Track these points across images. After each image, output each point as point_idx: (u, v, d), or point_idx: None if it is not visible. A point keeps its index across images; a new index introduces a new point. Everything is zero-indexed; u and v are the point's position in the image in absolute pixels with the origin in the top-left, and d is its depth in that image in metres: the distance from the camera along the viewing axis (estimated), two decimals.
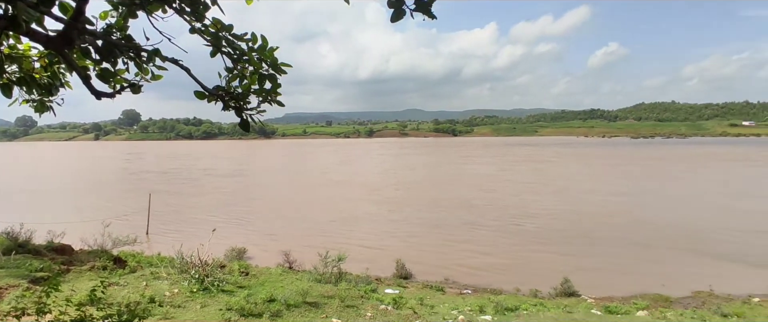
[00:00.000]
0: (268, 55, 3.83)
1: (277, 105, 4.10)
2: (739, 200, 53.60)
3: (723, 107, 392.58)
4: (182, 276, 18.45)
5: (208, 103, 3.58)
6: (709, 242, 35.24)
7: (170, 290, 16.98)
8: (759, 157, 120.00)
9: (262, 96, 3.93)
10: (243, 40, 3.63)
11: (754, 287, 26.11)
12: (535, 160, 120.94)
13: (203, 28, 3.59)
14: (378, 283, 26.26)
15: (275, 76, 4.02)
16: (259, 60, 3.85)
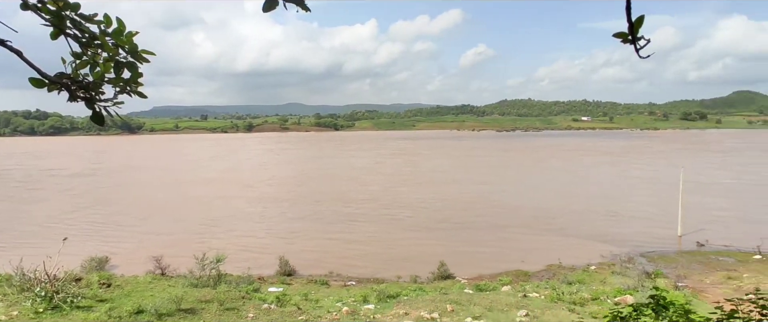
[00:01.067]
0: (125, 40, 3.46)
1: (139, 96, 3.73)
2: (577, 185, 62.48)
3: (568, 105, 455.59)
4: (24, 296, 15.84)
5: (49, 92, 3.12)
6: (557, 222, 40.55)
7: (7, 312, 14.52)
8: (593, 148, 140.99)
9: (119, 86, 3.53)
10: (93, 22, 3.22)
11: (591, 257, 30.72)
12: (409, 153, 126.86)
13: (40, 5, 3.11)
14: (261, 282, 25.45)
15: (135, 64, 3.64)
16: (114, 45, 3.46)
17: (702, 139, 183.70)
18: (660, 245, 33.26)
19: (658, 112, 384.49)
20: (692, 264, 28.87)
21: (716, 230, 35.94)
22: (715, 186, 59.40)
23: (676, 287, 23.32)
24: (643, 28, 2.62)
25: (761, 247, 30.51)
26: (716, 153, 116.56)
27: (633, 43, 2.64)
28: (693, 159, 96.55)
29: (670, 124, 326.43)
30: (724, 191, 55.87)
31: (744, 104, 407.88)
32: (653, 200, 49.26)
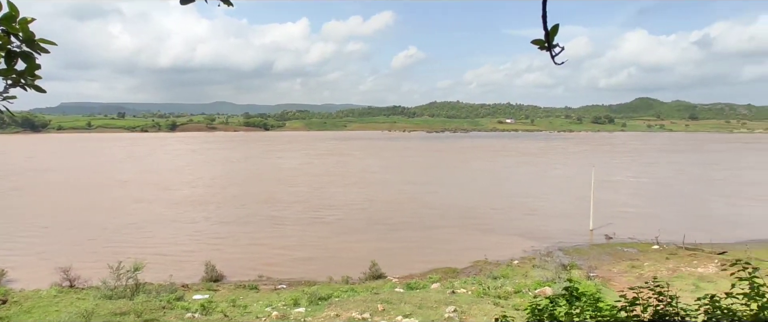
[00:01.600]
0: (18, 27, 3.10)
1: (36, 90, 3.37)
2: (501, 184, 65.72)
3: (493, 107, 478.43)
4: None
5: None
6: (483, 220, 42.33)
7: None
8: (515, 148, 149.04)
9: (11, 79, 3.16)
10: None
11: (514, 252, 32.41)
12: (339, 153, 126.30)
13: None
14: (185, 290, 24.11)
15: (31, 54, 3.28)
16: (4, 33, 3.08)
17: (610, 141, 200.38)
18: (575, 239, 35.81)
19: (573, 116, 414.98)
20: (602, 255, 31.38)
21: (622, 224, 39.31)
22: (620, 184, 65.02)
23: (588, 277, 25.24)
24: (559, 36, 2.76)
25: (659, 238, 33.86)
26: (621, 154, 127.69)
27: (549, 50, 2.79)
28: (602, 159, 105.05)
29: (583, 126, 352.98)
30: (628, 188, 61.34)
31: (644, 109, 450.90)
32: (568, 198, 52.92)
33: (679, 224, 38.48)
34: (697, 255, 29.91)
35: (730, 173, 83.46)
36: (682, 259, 29.20)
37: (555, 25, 2.79)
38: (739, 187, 64.27)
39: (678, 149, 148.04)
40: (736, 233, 37.15)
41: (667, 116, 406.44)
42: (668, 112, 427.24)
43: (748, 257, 27.96)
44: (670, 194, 57.96)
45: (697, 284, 21.88)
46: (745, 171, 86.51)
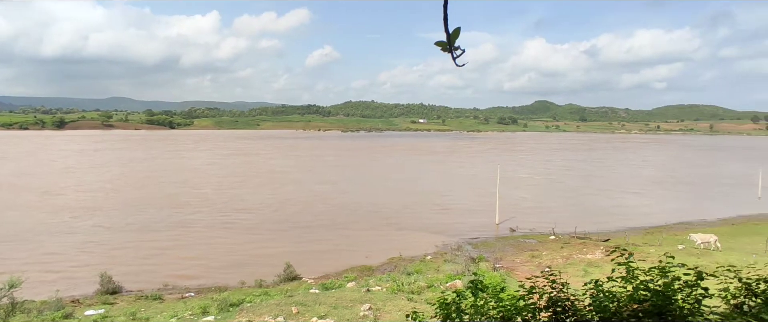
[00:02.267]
0: None
1: None
2: (413, 182, 67.73)
3: (407, 107, 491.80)
4: None
5: None
6: (396, 217, 43.25)
7: None
8: (427, 147, 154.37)
9: None
10: None
11: (427, 248, 33.48)
12: (250, 153, 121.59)
13: None
14: (76, 305, 21.73)
15: None
16: None
17: (513, 140, 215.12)
18: (482, 233, 37.90)
19: (480, 117, 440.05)
20: (506, 247, 33.55)
21: (523, 218, 42.32)
22: (521, 180, 70.03)
23: (495, 269, 26.83)
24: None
25: (555, 229, 36.98)
26: (522, 152, 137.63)
27: (450, 52, 2.89)
28: (506, 157, 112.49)
29: (490, 127, 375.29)
30: (528, 185, 66.29)
31: (542, 111, 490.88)
32: (476, 194, 55.86)
33: (571, 216, 42.28)
34: (587, 243, 33.09)
35: (611, 169, 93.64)
36: (574, 247, 32.13)
37: (456, 29, 2.89)
38: (618, 181, 72.30)
39: (569, 148, 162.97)
40: (617, 222, 41.71)
41: (561, 118, 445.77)
42: (562, 114, 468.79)
43: (627, 244, 31.56)
44: (563, 188, 63.56)
45: (587, 270, 24.18)
46: (622, 167, 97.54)
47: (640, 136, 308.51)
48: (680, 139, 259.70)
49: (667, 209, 48.68)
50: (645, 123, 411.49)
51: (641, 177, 78.76)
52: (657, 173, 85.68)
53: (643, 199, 56.46)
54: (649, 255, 26.79)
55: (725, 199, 55.78)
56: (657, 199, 57.23)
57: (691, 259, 24.10)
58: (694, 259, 25.11)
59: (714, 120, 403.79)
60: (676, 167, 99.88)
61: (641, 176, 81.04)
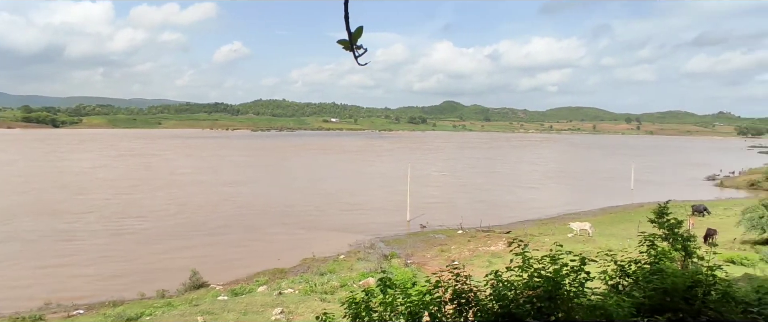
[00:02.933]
0: None
1: None
2: (325, 181, 67.24)
3: (319, 106, 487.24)
4: None
5: None
6: (308, 218, 42.65)
7: None
8: (339, 146, 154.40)
9: None
10: None
11: (340, 247, 33.43)
12: (146, 154, 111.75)
13: None
14: None
15: None
16: None
17: (422, 139, 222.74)
18: (394, 230, 38.72)
19: (392, 116, 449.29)
20: (417, 243, 34.59)
21: (433, 214, 43.94)
22: (430, 178, 72.77)
23: (406, 264, 27.54)
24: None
25: (462, 224, 38.90)
26: (430, 151, 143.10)
27: (352, 51, 2.87)
28: (415, 156, 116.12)
29: (400, 126, 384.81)
30: (436, 182, 69.09)
31: (450, 111, 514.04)
32: (387, 192, 56.96)
33: (476, 211, 44.75)
34: (491, 236, 35.22)
35: (511, 166, 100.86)
36: (479, 240, 34.03)
37: (359, 28, 2.87)
38: (517, 177, 78.04)
39: (474, 146, 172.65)
40: (517, 215, 44.96)
41: (467, 118, 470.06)
42: (468, 114, 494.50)
43: (525, 234, 34.09)
44: (469, 185, 67.12)
45: (491, 261, 25.73)
46: (521, 164, 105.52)
47: (536, 135, 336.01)
48: (569, 138, 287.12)
49: (559, 202, 53.48)
50: (540, 123, 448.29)
51: (537, 173, 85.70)
52: (550, 169, 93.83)
53: (539, 193, 61.46)
54: (544, 244, 29.21)
55: (605, 191, 62.60)
56: (550, 192, 62.64)
57: (579, 246, 26.65)
58: (581, 246, 27.80)
59: (596, 121, 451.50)
60: (566, 163, 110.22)
61: (537, 172, 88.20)
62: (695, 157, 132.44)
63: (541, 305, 4.96)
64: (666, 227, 8.90)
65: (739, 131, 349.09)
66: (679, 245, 9.12)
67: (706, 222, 36.95)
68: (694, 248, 9.31)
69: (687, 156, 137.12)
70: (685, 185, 70.76)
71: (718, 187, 72.56)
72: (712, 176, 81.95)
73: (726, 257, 24.84)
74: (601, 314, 4.81)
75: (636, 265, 6.29)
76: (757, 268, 22.52)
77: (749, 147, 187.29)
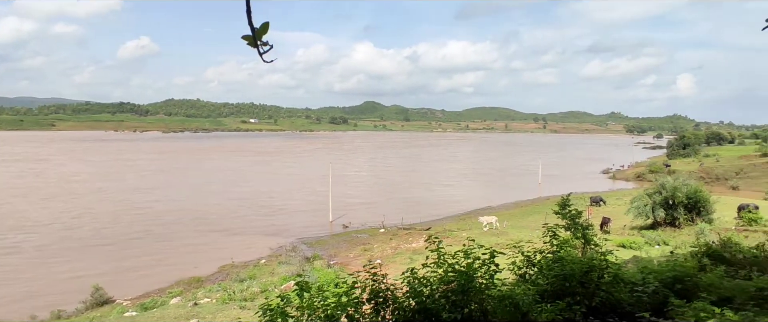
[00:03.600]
0: None
1: None
2: (242, 184, 64.62)
3: (236, 107, 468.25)
4: None
5: None
6: (226, 222, 40.78)
7: None
8: (259, 148, 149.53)
9: None
10: None
11: (261, 251, 32.42)
12: (36, 159, 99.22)
13: None
14: None
15: None
16: None
17: (344, 140, 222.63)
18: (317, 232, 38.29)
19: (313, 116, 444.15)
20: (340, 243, 34.51)
21: (355, 214, 44.10)
22: (352, 177, 73.01)
23: (329, 265, 27.33)
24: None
25: (384, 222, 39.42)
26: (352, 151, 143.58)
27: (256, 48, 2.75)
28: (337, 156, 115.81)
29: (322, 127, 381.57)
30: (358, 181, 69.48)
31: (371, 111, 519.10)
32: (309, 193, 56.25)
33: (398, 209, 45.57)
34: (412, 233, 36.07)
35: (429, 163, 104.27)
36: (401, 238, 34.70)
37: (265, 23, 2.75)
38: (436, 175, 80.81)
39: (394, 146, 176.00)
40: (437, 211, 46.50)
41: (388, 118, 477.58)
42: (389, 114, 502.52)
43: (445, 230, 35.36)
44: (390, 183, 68.25)
45: (412, 257, 26.31)
46: (439, 163, 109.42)
47: (453, 134, 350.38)
48: (483, 137, 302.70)
49: (476, 197, 56.13)
50: (457, 123, 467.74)
51: (454, 171, 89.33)
52: (466, 167, 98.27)
53: (456, 190, 64.07)
54: (462, 239, 30.47)
55: (517, 186, 66.85)
56: (467, 189, 65.58)
57: (493, 238, 28.17)
58: (495, 238, 29.38)
59: (508, 120, 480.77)
60: (481, 161, 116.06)
61: (454, 169, 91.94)
62: (592, 153, 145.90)
63: (455, 299, 5.12)
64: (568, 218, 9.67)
65: (627, 129, 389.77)
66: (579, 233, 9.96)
67: (602, 211, 40.76)
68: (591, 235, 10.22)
69: (586, 152, 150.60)
70: (585, 179, 77.69)
71: (612, 179, 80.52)
72: (607, 170, 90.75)
73: (618, 242, 27.58)
74: (509, 303, 5.07)
75: (541, 254, 6.74)
76: (643, 250, 25.24)
77: (636, 143, 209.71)
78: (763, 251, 10.54)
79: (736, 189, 63.58)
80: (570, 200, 10.35)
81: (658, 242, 27.66)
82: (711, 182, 66.94)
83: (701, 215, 31.33)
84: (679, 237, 28.82)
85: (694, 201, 31.35)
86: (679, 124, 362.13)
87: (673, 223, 31.69)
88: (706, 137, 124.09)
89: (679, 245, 25.23)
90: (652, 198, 32.42)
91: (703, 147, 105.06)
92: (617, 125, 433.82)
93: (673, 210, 31.55)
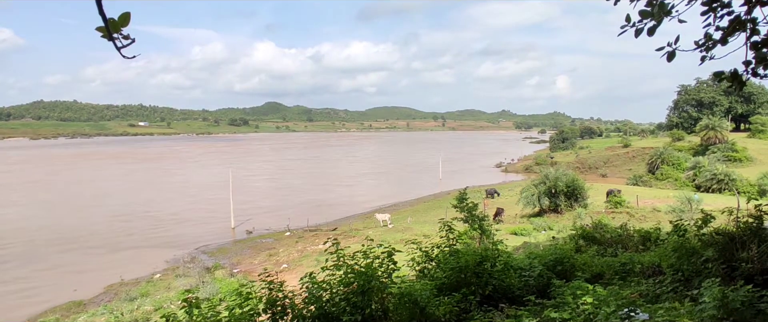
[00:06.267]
0: None
1: None
2: (129, 192, 58.83)
3: (122, 108, 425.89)
4: None
5: None
6: (111, 237, 36.69)
7: None
8: (146, 153, 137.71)
9: None
10: None
11: (156, 265, 29.80)
12: None
13: None
14: None
15: None
16: None
17: (244, 142, 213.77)
18: (218, 240, 36.21)
19: (210, 118, 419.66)
20: (244, 250, 33.00)
21: (259, 218, 42.49)
22: (253, 180, 70.37)
23: (232, 274, 26.01)
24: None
25: (289, 225, 38.49)
26: (254, 153, 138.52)
27: (112, 41, 2.42)
28: (238, 159, 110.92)
29: (221, 129, 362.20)
30: (260, 184, 67.16)
31: (273, 112, 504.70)
32: (207, 199, 53.04)
33: (303, 211, 44.82)
34: (318, 234, 35.62)
35: (333, 163, 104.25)
36: (308, 240, 34.12)
37: (124, 14, 2.42)
38: (339, 174, 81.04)
39: (297, 147, 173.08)
40: (342, 211, 46.52)
41: (291, 118, 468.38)
42: (292, 115, 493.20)
43: (351, 229, 35.50)
44: (293, 185, 66.93)
45: (319, 259, 26.00)
46: (342, 162, 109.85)
47: (357, 133, 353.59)
48: (387, 135, 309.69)
49: (381, 194, 57.16)
50: (361, 122, 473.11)
51: (358, 170, 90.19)
52: (370, 165, 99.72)
53: (362, 188, 64.72)
54: (369, 236, 30.82)
55: (419, 182, 69.31)
56: (372, 187, 66.52)
57: (397, 235, 28.91)
58: (399, 234, 30.16)
59: (409, 119, 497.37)
60: (384, 159, 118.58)
61: (358, 168, 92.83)
62: (487, 148, 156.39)
63: (355, 300, 5.08)
64: (466, 211, 10.15)
65: (516, 126, 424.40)
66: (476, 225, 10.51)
67: (497, 202, 43.79)
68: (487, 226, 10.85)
69: (481, 148, 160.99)
70: (480, 172, 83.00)
71: (504, 172, 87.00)
72: (499, 164, 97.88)
73: (511, 230, 29.84)
74: (408, 299, 5.15)
75: (438, 249, 6.98)
76: (532, 236, 27.60)
77: (524, 138, 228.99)
78: (625, 230, 12.04)
79: (605, 176, 72.36)
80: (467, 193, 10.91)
81: (544, 228, 30.43)
82: (585, 171, 75.41)
83: (578, 201, 35.06)
84: (561, 222, 31.97)
85: (572, 189, 34.98)
86: (559, 121, 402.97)
87: (556, 209, 35.07)
88: (580, 132, 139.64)
89: (561, 229, 28.01)
90: (538, 188, 35.58)
91: (578, 140, 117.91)
92: (508, 122, 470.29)
93: (555, 198, 34.90)
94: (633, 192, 41.60)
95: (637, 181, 59.77)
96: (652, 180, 60.55)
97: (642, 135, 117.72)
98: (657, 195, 42.90)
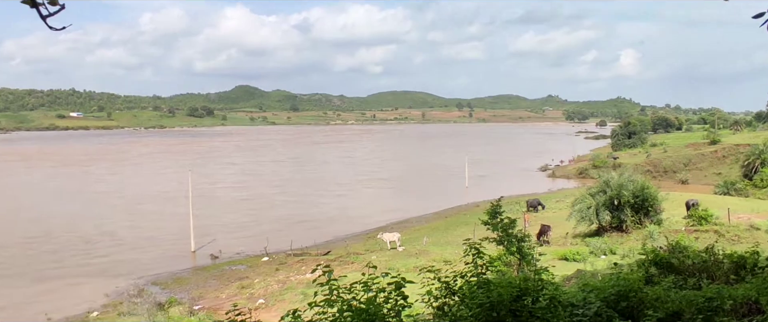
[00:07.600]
0: None
1: None
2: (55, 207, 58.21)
3: (49, 95, 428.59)
4: None
5: None
6: (34, 264, 36.71)
7: None
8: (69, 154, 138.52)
9: None
10: None
11: (94, 299, 30.03)
12: None
13: None
14: None
15: None
16: None
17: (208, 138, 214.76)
18: (174, 266, 36.50)
19: (164, 107, 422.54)
20: (208, 281, 33.22)
21: (227, 239, 42.78)
22: (218, 191, 70.79)
23: (192, 312, 26.19)
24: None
25: (267, 248, 38.69)
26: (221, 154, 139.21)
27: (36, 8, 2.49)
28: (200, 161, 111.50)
29: (177, 121, 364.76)
30: (227, 197, 67.48)
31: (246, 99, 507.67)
32: (159, 215, 53.43)
33: (286, 230, 45.06)
34: (305, 260, 35.79)
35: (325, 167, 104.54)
36: (291, 267, 34.30)
37: None
38: (331, 182, 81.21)
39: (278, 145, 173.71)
40: (337, 230, 46.66)
41: (269, 108, 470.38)
42: (270, 102, 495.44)
43: (348, 253, 35.61)
44: (270, 197, 67.15)
45: (305, 293, 26.07)
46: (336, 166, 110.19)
47: (357, 126, 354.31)
48: (395, 129, 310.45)
49: (388, 208, 57.27)
50: (361, 112, 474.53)
51: (357, 175, 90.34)
52: (373, 169, 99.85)
53: (363, 199, 64.94)
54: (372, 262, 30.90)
55: (439, 191, 69.40)
56: (377, 198, 66.74)
57: (409, 260, 28.98)
58: (412, 260, 30.22)
59: (425, 107, 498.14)
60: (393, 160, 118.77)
61: (357, 173, 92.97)
62: (528, 145, 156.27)
63: None
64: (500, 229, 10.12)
65: (566, 116, 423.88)
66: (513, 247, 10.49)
67: (541, 217, 43.78)
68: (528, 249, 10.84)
69: (519, 145, 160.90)
70: (519, 178, 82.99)
71: (551, 178, 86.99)
72: (545, 167, 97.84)
73: (560, 254, 29.81)
74: None
75: (463, 279, 6.98)
76: (588, 262, 27.55)
77: (577, 132, 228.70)
78: (712, 254, 11.97)
79: (686, 183, 72.08)
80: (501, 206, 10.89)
81: (604, 251, 30.37)
82: (659, 175, 75.25)
83: (649, 216, 34.90)
84: (626, 243, 31.89)
85: (642, 200, 34.82)
86: (624, 109, 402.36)
87: (620, 227, 34.94)
88: (652, 124, 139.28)
89: (627, 252, 27.94)
90: (596, 199, 35.46)
91: (650, 135, 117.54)
92: (555, 111, 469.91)
93: (619, 212, 34.76)
94: (723, 204, 41.40)
95: (728, 189, 59.51)
96: (749, 188, 60.31)
97: (735, 128, 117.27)
98: (756, 208, 42.68)
